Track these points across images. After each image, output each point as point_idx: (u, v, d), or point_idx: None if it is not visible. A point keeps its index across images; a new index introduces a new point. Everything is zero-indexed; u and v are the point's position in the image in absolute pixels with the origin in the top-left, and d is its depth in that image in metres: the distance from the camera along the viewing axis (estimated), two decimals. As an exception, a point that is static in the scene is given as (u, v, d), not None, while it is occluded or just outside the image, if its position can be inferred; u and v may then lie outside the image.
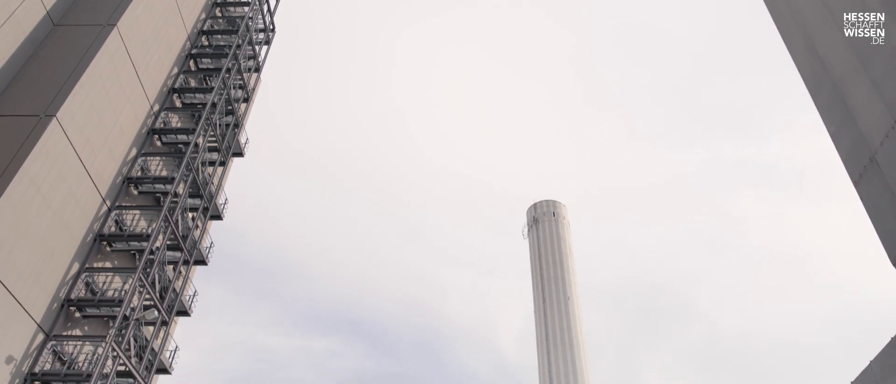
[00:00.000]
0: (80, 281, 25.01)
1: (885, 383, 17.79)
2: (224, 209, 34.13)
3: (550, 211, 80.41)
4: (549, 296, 74.06)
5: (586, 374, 68.10)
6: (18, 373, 21.86)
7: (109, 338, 23.31)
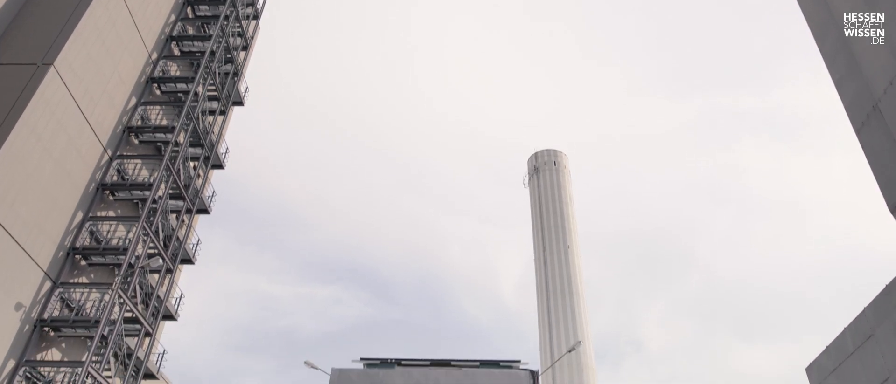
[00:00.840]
0: (85, 230, 25.25)
1: (878, 328, 18.17)
2: (225, 158, 34.17)
3: (551, 160, 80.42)
4: (549, 245, 74.79)
5: (585, 321, 69.31)
6: (28, 320, 22.30)
7: (115, 285, 23.67)
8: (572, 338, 65.39)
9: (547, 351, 67.33)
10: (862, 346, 19.03)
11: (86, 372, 21.93)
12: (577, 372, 64.51)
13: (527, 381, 26.65)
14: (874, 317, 18.37)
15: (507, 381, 26.32)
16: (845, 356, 20.08)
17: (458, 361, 27.60)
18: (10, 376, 21.38)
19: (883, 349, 17.88)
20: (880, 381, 18.06)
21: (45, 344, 23.23)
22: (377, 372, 26.82)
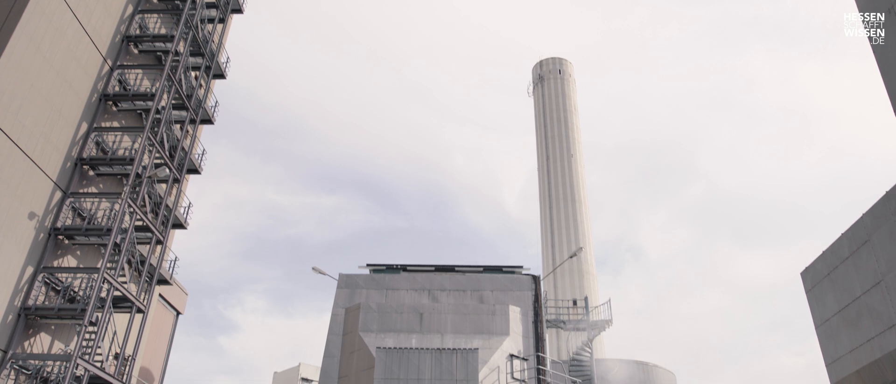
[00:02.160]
0: (91, 140, 25.39)
1: (874, 233, 18.51)
2: (226, 67, 33.80)
3: (556, 68, 79.24)
4: (553, 154, 74.98)
5: (587, 229, 70.45)
6: (42, 228, 22.83)
7: (124, 194, 24.05)
8: (574, 244, 66.66)
9: (549, 257, 68.85)
10: (857, 251, 19.46)
11: (102, 278, 22.65)
12: (577, 277, 66.21)
13: (529, 286, 27.52)
14: (872, 223, 18.68)
15: (510, 286, 27.17)
16: (840, 261, 20.55)
17: (461, 267, 28.41)
18: (29, 281, 22.13)
19: (877, 254, 18.29)
20: (872, 284, 18.59)
21: (61, 252, 23.89)
22: (383, 276, 27.67)
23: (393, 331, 24.49)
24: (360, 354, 24.63)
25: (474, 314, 25.20)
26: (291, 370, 47.34)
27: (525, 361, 25.04)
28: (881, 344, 18.23)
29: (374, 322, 24.93)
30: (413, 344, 23.94)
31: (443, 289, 26.75)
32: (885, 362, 18.21)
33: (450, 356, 23.22)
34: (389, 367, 22.94)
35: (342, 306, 26.53)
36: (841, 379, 20.92)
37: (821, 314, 22.24)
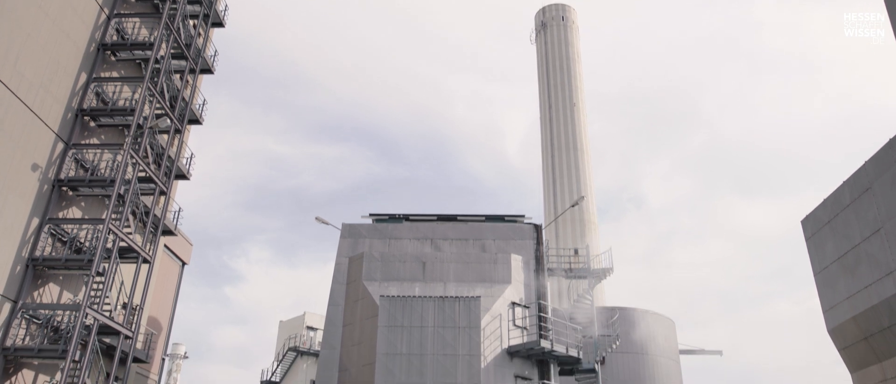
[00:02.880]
0: (90, 91, 25.23)
1: (876, 181, 18.51)
2: (225, 15, 33.30)
3: (559, 15, 77.90)
4: (556, 103, 74.42)
5: (589, 178, 70.51)
6: (46, 180, 22.92)
7: (126, 145, 24.04)
8: (575, 193, 66.83)
9: (550, 206, 69.12)
10: (858, 199, 19.48)
11: (107, 229, 22.84)
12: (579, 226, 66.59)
13: (530, 234, 27.73)
14: (874, 171, 18.65)
15: (512, 234, 27.38)
16: (841, 209, 20.60)
17: (463, 216, 28.58)
18: (35, 232, 22.34)
19: (878, 201, 18.32)
20: (871, 232, 18.69)
21: (65, 203, 24.04)
22: (386, 226, 27.87)
23: (396, 280, 24.81)
24: (364, 303, 25.01)
25: (476, 263, 25.47)
26: (297, 319, 48.18)
27: (527, 309, 25.43)
28: (878, 290, 18.45)
29: (378, 271, 25.23)
30: (416, 292, 24.28)
31: (445, 238, 26.97)
32: (882, 308, 18.46)
33: (452, 304, 23.58)
34: (393, 315, 23.33)
35: (345, 256, 26.80)
36: (838, 324, 21.24)
37: (820, 261, 22.43)
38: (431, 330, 23.10)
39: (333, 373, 25.23)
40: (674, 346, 43.61)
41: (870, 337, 19.60)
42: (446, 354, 22.69)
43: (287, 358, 44.72)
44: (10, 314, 21.09)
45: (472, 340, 22.95)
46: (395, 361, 22.56)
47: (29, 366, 22.03)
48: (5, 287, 20.95)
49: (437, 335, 23.00)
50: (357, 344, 24.75)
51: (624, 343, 36.82)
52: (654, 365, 40.39)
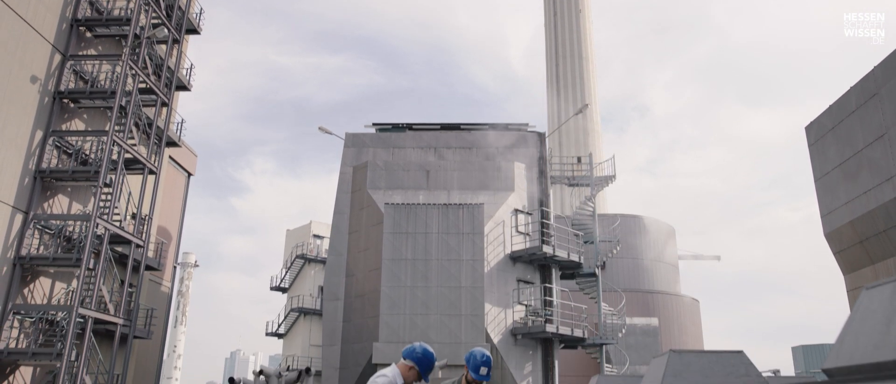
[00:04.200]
0: (84, 0, 24.66)
1: (884, 86, 18.32)
2: (217, -81, 32.03)
3: (566, -86, 74.59)
4: (561, 9, 72.47)
5: (593, 86, 69.71)
6: (46, 92, 22.80)
7: (125, 55, 23.74)
8: (579, 102, 66.28)
9: (554, 115, 68.73)
10: (864, 105, 19.35)
11: (111, 140, 22.94)
12: (582, 135, 66.45)
13: (534, 142, 27.76)
14: (882, 76, 18.43)
15: (515, 143, 27.42)
16: (846, 114, 20.50)
17: (467, 125, 28.51)
18: (40, 145, 22.47)
19: (884, 106, 18.20)
20: (875, 137, 18.68)
21: (67, 115, 24.02)
22: (389, 135, 27.88)
23: (400, 188, 25.09)
24: (369, 211, 25.40)
25: (480, 171, 25.66)
26: (303, 228, 49.05)
27: (529, 215, 25.82)
28: (877, 195, 18.65)
29: (382, 179, 25.47)
30: (420, 200, 24.61)
31: (448, 146, 27.04)
32: (879, 213, 18.73)
33: (456, 211, 23.94)
34: (398, 222, 23.75)
35: (349, 165, 26.99)
36: (835, 229, 21.62)
37: (821, 167, 22.54)
38: (435, 236, 23.57)
39: (340, 279, 25.99)
40: (673, 252, 44.55)
41: (865, 240, 19.99)
42: (450, 259, 23.27)
43: (295, 265, 45.89)
44: (22, 225, 21.54)
45: (476, 246, 23.46)
46: (401, 266, 23.17)
47: (45, 274, 22.72)
48: (15, 199, 21.29)
49: (441, 241, 23.50)
50: (363, 250, 25.35)
51: (624, 249, 37.59)
52: (653, 270, 41.41)
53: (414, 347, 4.70)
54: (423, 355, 4.66)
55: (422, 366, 4.65)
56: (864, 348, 1.90)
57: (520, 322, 23.93)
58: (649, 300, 39.54)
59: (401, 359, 4.73)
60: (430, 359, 4.68)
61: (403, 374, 4.65)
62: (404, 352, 4.71)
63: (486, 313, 22.84)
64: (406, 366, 4.67)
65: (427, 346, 4.74)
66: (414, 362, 4.65)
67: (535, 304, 24.79)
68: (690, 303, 42.91)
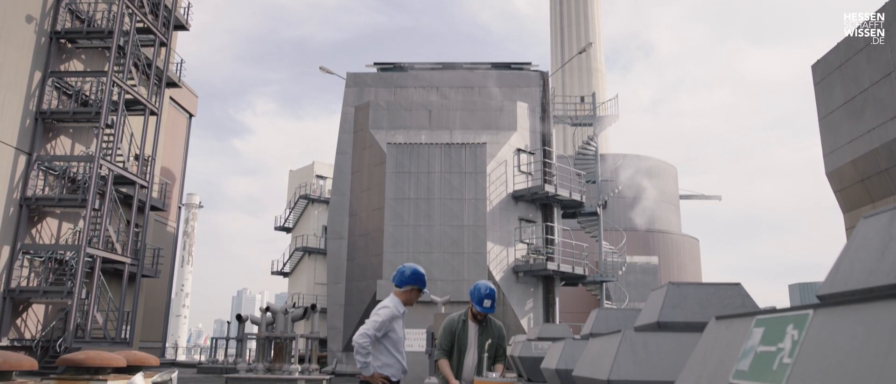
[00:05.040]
0: (76, -65, 24.07)
1: (894, 24, 18.00)
2: None
3: None
4: (565, -57, 70.45)
5: (597, 25, 68.49)
6: (42, 32, 22.50)
7: (121, -6, 23.32)
8: (583, 40, 65.26)
9: (557, 54, 67.81)
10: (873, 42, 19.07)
11: (111, 81, 22.78)
12: (586, 75, 65.71)
13: (537, 82, 27.49)
14: (892, 14, 18.09)
15: (518, 82, 27.16)
16: (854, 52, 20.24)
17: (469, 64, 28.18)
18: (40, 86, 22.32)
19: (893, 44, 17.94)
20: (882, 76, 18.49)
21: (65, 56, 23.77)
22: (391, 75, 27.60)
23: (402, 128, 25.03)
24: (372, 151, 25.43)
25: (482, 110, 25.53)
26: (306, 168, 49.16)
27: (532, 155, 25.84)
28: (881, 134, 18.59)
29: (384, 119, 25.39)
30: (422, 140, 24.58)
31: (451, 86, 26.81)
32: (882, 151, 18.71)
33: (458, 150, 23.95)
34: (400, 162, 23.79)
35: (351, 105, 26.84)
36: (836, 168, 21.65)
37: (826, 106, 22.41)
38: (438, 175, 23.66)
39: (344, 218, 26.23)
40: (674, 192, 44.74)
41: (866, 179, 20.04)
42: (453, 199, 23.42)
43: (298, 205, 46.24)
44: (26, 166, 21.64)
45: (478, 185, 23.57)
46: (404, 206, 23.35)
47: (52, 215, 22.95)
48: (18, 140, 21.31)
49: (443, 180, 23.60)
50: (366, 190, 25.49)
51: (626, 188, 37.75)
52: (654, 209, 41.68)
53: (402, 272, 4.84)
54: (413, 273, 4.82)
55: (419, 283, 4.83)
56: (859, 275, 1.96)
57: (521, 260, 24.27)
58: (650, 239, 39.95)
59: (395, 288, 4.87)
60: (420, 273, 4.85)
61: (404, 300, 4.81)
62: (396, 282, 4.84)
63: (489, 251, 23.14)
64: (404, 292, 4.82)
65: (410, 265, 4.90)
66: (410, 284, 4.81)
67: (536, 243, 25.09)
68: (690, 242, 43.37)
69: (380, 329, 4.59)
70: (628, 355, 3.66)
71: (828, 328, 1.54)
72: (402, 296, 4.82)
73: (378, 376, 4.57)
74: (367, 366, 4.52)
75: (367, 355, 4.51)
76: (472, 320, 5.23)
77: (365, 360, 4.50)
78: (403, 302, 4.82)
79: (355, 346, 4.51)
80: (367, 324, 4.57)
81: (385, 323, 4.61)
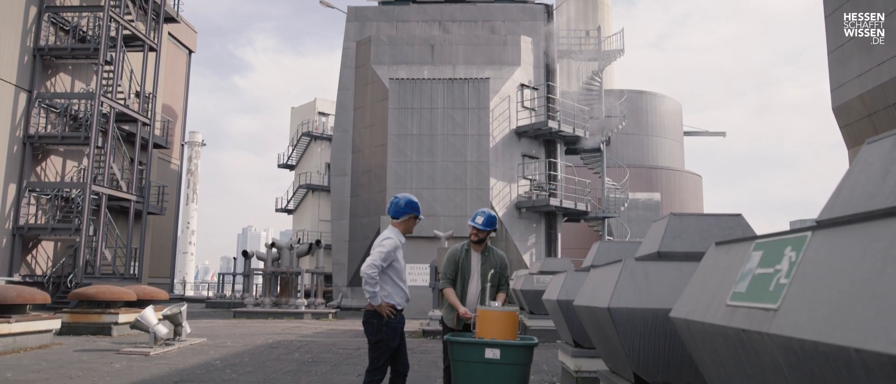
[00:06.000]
0: None
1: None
2: None
3: None
4: None
5: (604, -46, 66.51)
6: (35, -36, 21.99)
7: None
8: (589, -28, 63.53)
9: (562, -13, 66.21)
10: None
11: (108, 16, 22.41)
12: (591, 8, 64.29)
13: (541, 15, 26.96)
14: (909, -61, 17.56)
15: (522, 16, 26.62)
16: (867, -19, 19.75)
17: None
18: (36, 22, 21.98)
19: (908, -27, 17.49)
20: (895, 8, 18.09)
21: (60, -11, 23.31)
22: (393, 8, 27.07)
23: (405, 63, 24.72)
24: (374, 86, 25.21)
25: (485, 44, 25.15)
26: (308, 105, 48.83)
27: (535, 90, 25.60)
28: (890, 67, 18.32)
29: (386, 54, 25.05)
30: (425, 75, 24.31)
31: (453, 20, 26.33)
32: (890, 86, 18.48)
33: (462, 85, 23.72)
34: (403, 97, 23.62)
35: (353, 40, 26.45)
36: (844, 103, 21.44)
37: (835, 39, 22.00)
38: (441, 111, 23.52)
39: (347, 155, 26.25)
40: (679, 128, 44.49)
41: (873, 114, 19.85)
42: (456, 134, 23.35)
43: (301, 143, 46.17)
44: (27, 104, 21.54)
45: (481, 121, 23.46)
46: (406, 141, 23.31)
47: (55, 153, 23.00)
48: (17, 77, 21.14)
49: (446, 116, 23.48)
50: (369, 126, 25.41)
51: (630, 124, 37.53)
52: (658, 145, 41.55)
53: (397, 203, 4.91)
54: (408, 203, 4.90)
55: (414, 211, 4.90)
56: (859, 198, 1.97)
57: (524, 196, 24.38)
58: (653, 175, 39.98)
59: (392, 220, 4.94)
60: (414, 202, 4.94)
61: (403, 230, 4.89)
62: (392, 214, 4.91)
63: (491, 187, 23.23)
64: (402, 223, 4.90)
65: (404, 195, 4.97)
66: (407, 214, 4.88)
67: (539, 179, 25.15)
68: (693, 179, 43.41)
69: (386, 260, 4.68)
70: (629, 284, 3.72)
71: (825, 249, 1.57)
72: (400, 226, 4.90)
73: (385, 305, 4.68)
74: (375, 296, 4.63)
75: (375, 285, 4.61)
76: (474, 250, 5.31)
77: (373, 290, 4.61)
78: (403, 232, 4.90)
79: (364, 277, 4.60)
80: (374, 256, 4.65)
81: (390, 253, 4.70)
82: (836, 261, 1.47)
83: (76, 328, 12.94)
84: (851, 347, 1.24)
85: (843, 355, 1.28)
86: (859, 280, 1.34)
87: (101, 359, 9.38)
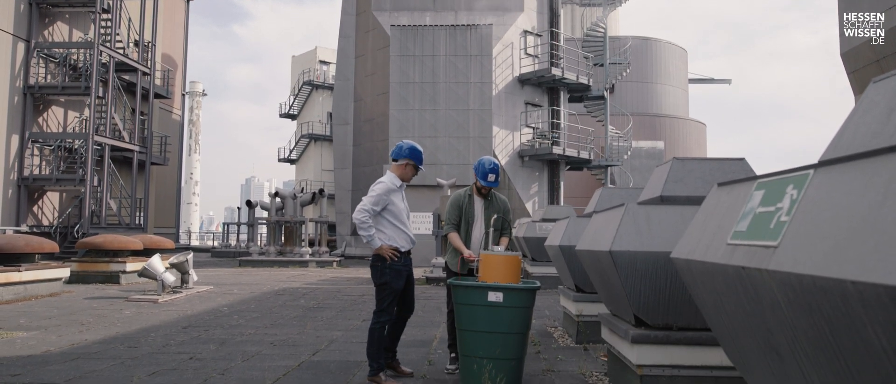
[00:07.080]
0: None
1: None
2: None
3: None
4: None
5: None
6: None
7: None
8: (595, -86, 61.80)
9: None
10: None
11: (103, -38, 21.95)
12: (596, -49, 62.73)
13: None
14: None
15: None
16: (881, -79, 19.20)
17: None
18: (30, -31, 21.58)
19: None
20: (909, -53, 17.63)
21: (53, -65, 22.77)
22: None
23: (406, 10, 24.31)
24: (375, 33, 24.86)
25: (488, -9, 24.67)
26: (309, 53, 48.27)
27: (538, 37, 25.24)
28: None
29: (387, 0, 24.62)
30: (427, 21, 23.94)
31: (455, -35, 25.77)
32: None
33: (464, 32, 23.39)
34: (404, 45, 23.32)
35: (353, -14, 25.94)
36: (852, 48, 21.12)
37: (846, -19, 21.55)
38: (443, 58, 23.25)
39: (349, 104, 26.10)
40: (683, 75, 43.98)
41: (882, 59, 19.57)
42: (458, 82, 23.15)
43: (302, 92, 45.83)
44: (26, 53, 21.34)
45: (484, 68, 23.22)
46: (408, 90, 23.13)
47: (57, 103, 22.90)
48: (14, 26, 20.88)
49: (448, 63, 23.22)
50: (370, 74, 25.18)
51: (634, 71, 37.11)
52: (662, 93, 41.17)
53: (400, 147, 4.93)
54: (410, 148, 4.91)
55: (415, 158, 4.93)
56: (863, 138, 1.97)
57: (527, 144, 24.31)
58: (656, 124, 39.74)
59: (392, 163, 4.97)
60: (417, 150, 4.95)
61: (399, 174, 4.91)
62: (393, 155, 4.94)
63: (494, 135, 23.15)
64: (400, 167, 4.92)
65: (409, 141, 5.00)
66: (406, 158, 4.90)
67: (542, 127, 25.02)
68: (697, 128, 43.15)
69: (377, 203, 4.70)
70: (631, 227, 3.75)
71: (827, 186, 1.57)
72: (397, 170, 4.93)
73: (386, 248, 4.73)
74: (372, 239, 4.68)
75: (368, 229, 4.65)
76: (477, 195, 5.34)
77: (368, 233, 4.65)
78: (399, 176, 4.92)
79: (356, 222, 4.65)
80: (364, 200, 4.70)
81: (381, 196, 4.72)
82: (837, 198, 1.48)
83: (85, 277, 13.14)
84: (848, 280, 1.26)
85: (840, 288, 1.30)
86: (859, 215, 1.35)
87: (111, 306, 9.55)
